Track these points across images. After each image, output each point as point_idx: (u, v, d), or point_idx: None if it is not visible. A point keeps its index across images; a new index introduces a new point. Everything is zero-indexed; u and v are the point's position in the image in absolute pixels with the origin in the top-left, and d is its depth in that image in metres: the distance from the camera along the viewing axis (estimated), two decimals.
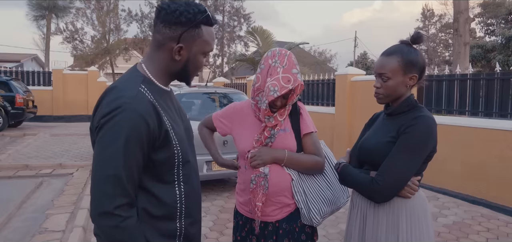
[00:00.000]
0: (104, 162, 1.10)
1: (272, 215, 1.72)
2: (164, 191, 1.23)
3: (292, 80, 1.62)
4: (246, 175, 1.73)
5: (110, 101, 1.13)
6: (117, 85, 1.19)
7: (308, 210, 1.72)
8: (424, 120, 1.53)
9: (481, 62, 20.93)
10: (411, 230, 1.55)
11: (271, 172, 1.67)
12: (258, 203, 1.67)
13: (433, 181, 5.51)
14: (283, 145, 1.72)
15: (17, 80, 12.87)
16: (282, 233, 1.72)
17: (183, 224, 1.28)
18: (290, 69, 1.64)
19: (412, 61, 1.57)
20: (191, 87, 6.11)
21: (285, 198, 1.73)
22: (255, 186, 1.67)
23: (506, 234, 4.07)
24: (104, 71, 22.51)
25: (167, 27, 1.21)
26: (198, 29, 1.23)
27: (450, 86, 6.20)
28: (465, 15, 11.72)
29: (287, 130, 1.76)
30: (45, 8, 24.56)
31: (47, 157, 7.81)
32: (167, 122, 1.21)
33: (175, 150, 1.22)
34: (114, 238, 1.10)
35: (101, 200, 1.09)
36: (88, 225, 4.08)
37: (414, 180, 1.55)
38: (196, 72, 1.31)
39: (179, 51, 1.22)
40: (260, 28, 16.58)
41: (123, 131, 1.09)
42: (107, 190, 1.08)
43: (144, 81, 1.21)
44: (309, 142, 1.78)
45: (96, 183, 1.11)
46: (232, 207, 4.99)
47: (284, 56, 1.67)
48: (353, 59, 36.13)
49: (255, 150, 1.69)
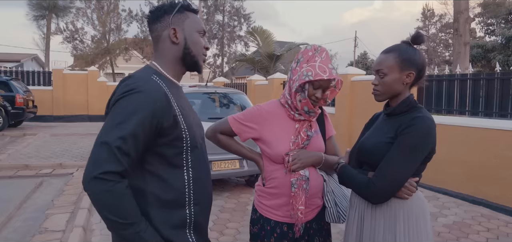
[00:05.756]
0: (105, 131, 1.17)
1: (305, 217, 1.72)
2: (173, 175, 1.29)
3: (327, 72, 1.61)
4: (284, 178, 1.68)
5: (124, 86, 1.23)
6: (132, 75, 1.29)
7: (337, 209, 1.76)
8: (422, 121, 1.53)
9: (481, 62, 20.94)
10: (408, 231, 1.54)
11: (310, 175, 1.68)
12: (301, 207, 1.64)
13: (433, 181, 5.51)
14: (317, 147, 1.74)
15: (17, 80, 12.86)
16: (313, 232, 1.76)
17: (192, 211, 1.33)
18: (326, 63, 1.65)
19: (409, 59, 1.58)
20: (191, 87, 6.11)
21: (318, 199, 1.76)
22: (297, 189, 1.64)
23: (506, 234, 4.07)
24: (104, 71, 22.52)
25: (157, 22, 1.36)
26: (183, 13, 1.37)
27: (450, 86, 6.20)
28: (465, 15, 11.73)
29: (318, 132, 1.78)
30: (45, 8, 24.55)
31: (47, 156, 7.81)
32: (177, 107, 1.29)
33: (183, 134, 1.28)
34: (104, 203, 1.14)
35: (91, 165, 1.14)
36: (88, 225, 4.08)
37: (411, 181, 1.55)
38: (199, 52, 1.39)
39: (174, 33, 1.34)
40: (260, 28, 16.59)
41: (130, 107, 1.17)
42: (99, 156, 1.13)
43: (156, 73, 1.32)
44: (332, 143, 1.88)
45: (93, 148, 1.17)
46: (232, 207, 4.99)
47: (323, 51, 1.69)
48: (353, 59, 36.12)
49: (293, 153, 1.66)
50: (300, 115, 1.70)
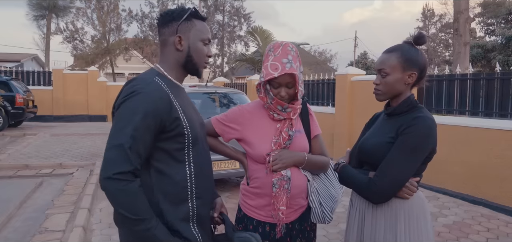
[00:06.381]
0: (113, 134, 1.25)
1: (288, 217, 1.72)
2: (175, 169, 1.36)
3: (280, 68, 1.59)
4: (266, 179, 1.67)
5: (128, 88, 1.31)
6: (136, 77, 1.36)
7: (322, 209, 1.74)
8: (423, 121, 1.53)
9: (481, 62, 20.93)
10: (409, 231, 1.55)
11: (292, 175, 1.66)
12: (282, 207, 1.64)
13: (433, 181, 5.51)
14: (300, 147, 1.72)
15: (17, 80, 12.86)
16: (295, 233, 1.74)
17: (194, 204, 1.39)
18: (280, 58, 1.61)
19: (412, 59, 1.58)
20: (191, 87, 6.11)
21: (301, 199, 1.74)
22: (278, 189, 1.64)
23: (506, 234, 4.07)
24: (104, 71, 22.51)
25: (165, 27, 1.43)
26: (191, 21, 1.44)
27: (450, 86, 6.20)
28: (465, 15, 11.73)
29: (301, 131, 1.76)
30: (45, 8, 24.55)
31: (47, 156, 7.81)
32: (179, 107, 1.36)
33: (185, 130, 1.35)
34: (119, 201, 1.23)
35: (105, 166, 1.22)
36: (88, 225, 4.08)
37: (412, 181, 1.55)
38: (201, 60, 1.47)
39: (179, 41, 1.42)
40: (260, 28, 16.60)
41: (134, 108, 1.26)
42: (112, 157, 1.22)
43: (158, 75, 1.40)
44: (318, 143, 1.82)
45: (105, 152, 1.25)
46: (232, 207, 4.98)
47: (279, 46, 1.65)
48: (353, 59, 36.11)
49: (275, 153, 1.65)
50: (278, 115, 1.69)
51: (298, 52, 1.69)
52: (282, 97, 1.64)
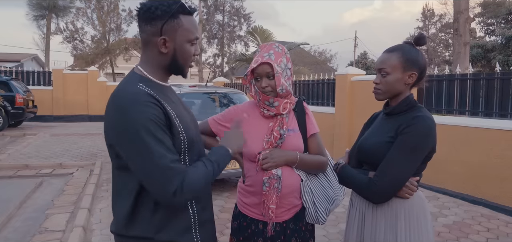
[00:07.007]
0: (142, 164, 1.17)
1: (280, 216, 1.72)
2: None
3: (259, 60, 1.65)
4: (257, 177, 1.70)
5: (114, 109, 1.21)
6: (116, 93, 1.25)
7: (315, 209, 1.74)
8: (423, 120, 1.53)
9: (481, 62, 20.92)
10: (409, 230, 1.55)
11: (283, 174, 1.67)
12: (271, 205, 1.65)
13: (433, 181, 5.51)
14: (292, 146, 1.72)
15: (17, 80, 12.86)
16: (290, 233, 1.74)
17: (195, 209, 1.35)
18: (262, 53, 1.68)
19: (412, 59, 1.58)
20: (191, 87, 6.11)
21: (294, 199, 1.74)
22: (268, 188, 1.65)
23: (506, 234, 4.07)
24: (104, 71, 22.53)
25: (148, 24, 1.27)
26: (177, 19, 1.27)
27: (450, 86, 6.20)
28: (465, 15, 11.72)
29: (295, 130, 1.76)
30: (45, 8, 24.53)
31: (47, 156, 7.82)
32: (170, 110, 1.26)
33: (181, 135, 1.27)
34: (193, 193, 1.25)
35: (162, 189, 1.18)
36: (88, 225, 4.08)
37: (412, 181, 1.55)
38: (187, 62, 1.34)
39: (164, 43, 1.27)
40: (260, 28, 16.58)
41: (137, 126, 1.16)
42: (161, 178, 1.16)
43: (141, 80, 1.27)
44: (315, 142, 1.81)
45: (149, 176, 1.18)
46: (232, 207, 4.98)
47: (266, 46, 1.72)
48: (353, 59, 36.11)
49: (266, 151, 1.67)
50: (268, 111, 1.71)
51: (286, 51, 1.73)
52: (263, 88, 1.67)
